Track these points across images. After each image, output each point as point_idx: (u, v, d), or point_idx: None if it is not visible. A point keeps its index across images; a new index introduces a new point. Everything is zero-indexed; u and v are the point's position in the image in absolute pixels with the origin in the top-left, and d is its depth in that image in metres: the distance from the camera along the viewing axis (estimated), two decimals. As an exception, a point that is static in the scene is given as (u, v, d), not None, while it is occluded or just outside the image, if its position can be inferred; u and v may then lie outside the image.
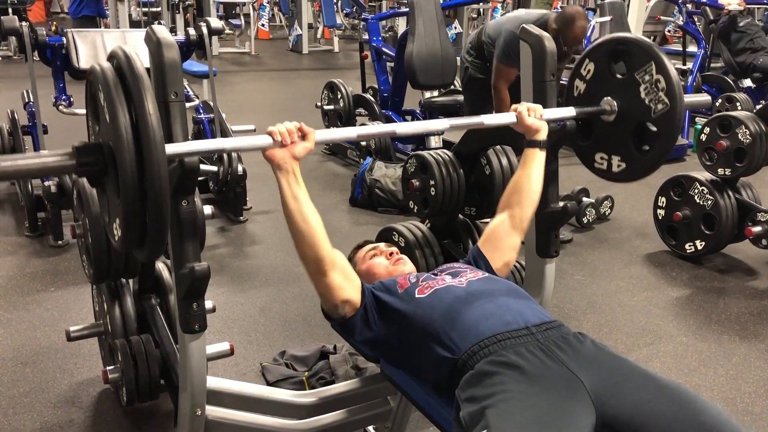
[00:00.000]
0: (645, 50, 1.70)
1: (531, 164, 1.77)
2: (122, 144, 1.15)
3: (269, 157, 1.44)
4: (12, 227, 3.85)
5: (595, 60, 1.82)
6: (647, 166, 1.76)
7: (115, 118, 1.16)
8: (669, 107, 1.66)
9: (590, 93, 1.83)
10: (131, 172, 1.16)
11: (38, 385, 2.38)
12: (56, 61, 3.62)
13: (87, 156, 1.23)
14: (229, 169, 3.81)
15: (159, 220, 1.19)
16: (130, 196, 1.17)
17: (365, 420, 1.89)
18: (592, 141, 1.86)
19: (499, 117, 1.78)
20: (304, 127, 1.46)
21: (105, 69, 1.22)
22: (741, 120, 3.30)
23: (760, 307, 3.13)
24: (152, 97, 1.19)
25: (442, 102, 4.83)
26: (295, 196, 1.47)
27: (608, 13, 5.71)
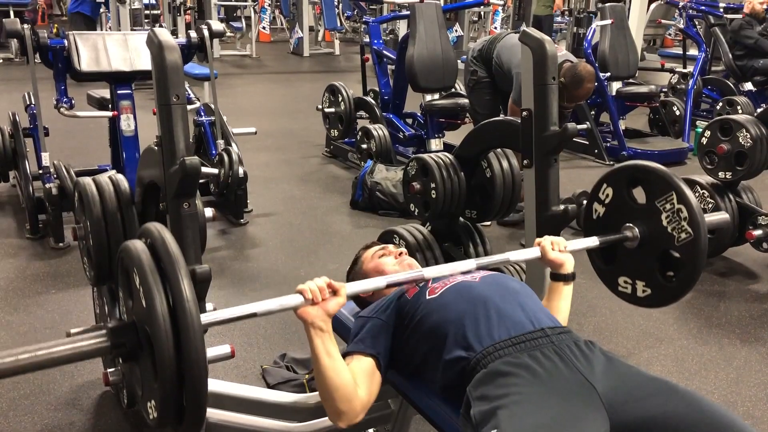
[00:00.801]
0: (665, 180, 1.69)
1: (558, 298, 1.75)
2: (159, 325, 1.12)
3: (301, 315, 1.40)
4: (13, 229, 3.85)
5: (613, 185, 1.80)
6: (674, 293, 1.73)
7: (152, 303, 1.12)
8: (693, 236, 1.64)
9: (610, 217, 1.81)
10: (168, 351, 1.12)
11: (39, 387, 2.38)
12: (58, 63, 3.63)
13: (122, 337, 1.20)
14: (230, 172, 3.81)
15: (197, 396, 1.15)
16: (168, 376, 1.13)
17: (366, 423, 1.88)
18: (615, 265, 1.84)
19: (523, 253, 1.74)
20: (334, 283, 1.42)
21: (139, 250, 1.18)
22: (742, 123, 3.30)
23: (761, 311, 3.12)
24: (188, 280, 1.15)
25: (442, 105, 4.83)
26: (330, 354, 1.42)
27: (609, 16, 5.71)
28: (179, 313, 1.12)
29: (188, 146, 1.46)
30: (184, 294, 1.12)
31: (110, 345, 1.19)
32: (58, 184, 3.53)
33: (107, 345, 1.18)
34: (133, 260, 1.17)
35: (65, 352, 1.15)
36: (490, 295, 1.55)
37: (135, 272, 1.17)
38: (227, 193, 3.96)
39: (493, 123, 2.41)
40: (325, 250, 3.58)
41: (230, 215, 4.08)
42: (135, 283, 1.17)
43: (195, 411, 1.17)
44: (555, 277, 1.75)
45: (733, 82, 6.64)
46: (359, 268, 1.93)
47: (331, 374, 1.42)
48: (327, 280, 1.42)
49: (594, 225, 1.84)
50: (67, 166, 3.75)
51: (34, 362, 1.12)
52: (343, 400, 1.44)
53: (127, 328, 1.20)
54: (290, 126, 6.75)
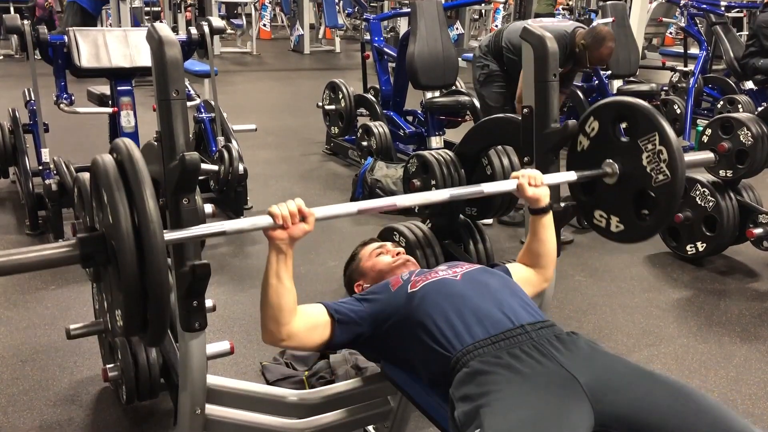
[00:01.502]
0: (649, 119, 1.71)
1: (541, 230, 1.78)
2: (123, 241, 1.16)
3: (270, 236, 1.45)
4: (12, 225, 3.85)
5: (600, 120, 1.82)
6: (646, 231, 1.77)
7: (117, 215, 1.17)
8: (669, 179, 1.67)
9: (594, 151, 1.84)
10: (131, 266, 1.16)
11: (38, 383, 2.38)
12: (58, 59, 3.62)
13: (90, 247, 1.24)
14: (230, 169, 3.80)
15: (160, 310, 1.20)
16: (131, 289, 1.17)
17: (365, 419, 1.88)
18: (592, 197, 1.87)
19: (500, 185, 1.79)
20: (304, 208, 1.46)
21: (107, 164, 1.22)
22: (743, 122, 3.29)
23: (761, 309, 3.12)
24: (152, 192, 1.19)
25: (443, 102, 4.83)
26: (279, 276, 1.47)
27: (610, 14, 5.71)
28: (142, 227, 1.17)
29: (188, 142, 1.46)
30: (147, 209, 1.17)
31: (79, 254, 1.23)
32: (57, 180, 3.52)
33: (76, 254, 1.23)
34: (100, 175, 1.22)
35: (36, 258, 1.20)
36: (470, 294, 1.56)
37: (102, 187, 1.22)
38: (227, 190, 3.95)
39: (493, 120, 2.41)
40: (324, 247, 3.58)
41: (230, 212, 4.07)
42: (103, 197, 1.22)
43: (158, 320, 1.21)
44: (534, 212, 1.78)
45: (734, 81, 6.63)
46: (356, 265, 1.93)
47: (272, 294, 1.48)
48: (300, 203, 1.46)
49: (577, 158, 1.87)
50: (66, 162, 3.74)
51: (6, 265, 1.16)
52: (273, 320, 1.50)
53: (96, 240, 1.25)
54: (290, 123, 6.75)
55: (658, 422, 1.26)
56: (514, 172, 1.79)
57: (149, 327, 1.23)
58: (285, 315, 1.50)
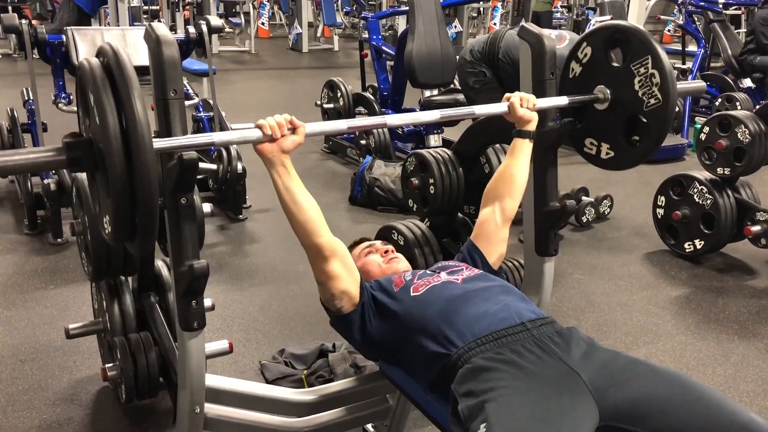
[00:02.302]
0: (643, 43, 1.70)
1: (520, 154, 1.79)
2: (110, 142, 1.15)
3: (259, 150, 1.45)
4: (11, 225, 3.85)
5: (593, 45, 1.81)
6: (636, 157, 1.77)
7: (104, 116, 1.16)
8: (661, 103, 1.66)
9: (585, 77, 1.83)
10: (120, 168, 1.16)
11: (37, 382, 2.38)
12: (56, 58, 3.63)
13: (77, 151, 1.24)
14: (228, 168, 3.81)
15: (148, 214, 1.19)
16: (120, 192, 1.17)
17: (364, 418, 1.89)
18: (583, 126, 1.87)
19: (491, 107, 1.80)
20: (295, 120, 1.46)
21: (93, 66, 1.21)
22: (740, 119, 3.30)
23: (758, 306, 3.13)
24: (139, 94, 1.18)
25: (441, 101, 4.82)
26: (288, 187, 1.48)
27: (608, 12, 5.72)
28: (130, 128, 1.16)
29: (186, 141, 1.46)
30: (135, 111, 1.16)
31: (66, 159, 1.22)
32: (56, 180, 3.52)
33: (63, 158, 1.22)
34: (87, 78, 1.21)
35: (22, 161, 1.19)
36: (471, 294, 1.57)
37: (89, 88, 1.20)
38: (226, 189, 3.96)
39: (491, 119, 2.40)
40: (323, 245, 3.58)
41: (229, 211, 4.07)
42: (89, 99, 1.21)
43: (146, 224, 1.20)
44: (519, 134, 1.78)
45: (732, 79, 6.63)
46: None
47: (292, 207, 1.48)
48: (288, 117, 1.45)
49: (569, 84, 1.86)
50: (65, 162, 3.74)
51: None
52: (308, 234, 1.51)
53: (83, 144, 1.24)
54: (289, 122, 6.73)
55: (662, 412, 1.27)
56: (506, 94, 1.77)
57: (137, 233, 1.22)
58: (316, 224, 1.51)
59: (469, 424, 1.27)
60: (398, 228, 2.61)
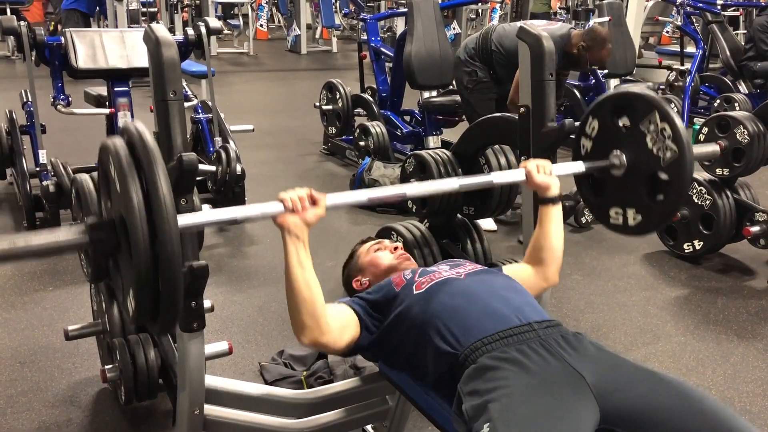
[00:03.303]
0: (646, 101, 1.69)
1: (548, 222, 1.76)
2: (135, 219, 1.13)
3: (280, 223, 1.41)
4: (10, 227, 3.85)
5: (599, 117, 1.81)
6: (664, 215, 1.73)
7: (127, 192, 1.14)
8: (678, 153, 1.63)
9: (597, 149, 1.81)
10: (144, 246, 1.13)
11: (36, 384, 2.38)
12: (54, 60, 3.62)
13: (100, 232, 1.21)
14: (227, 169, 3.80)
15: (172, 297, 1.17)
16: (143, 269, 1.14)
17: (364, 419, 1.89)
18: (604, 197, 1.84)
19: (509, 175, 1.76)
20: (315, 193, 1.44)
21: (117, 144, 1.19)
22: (739, 120, 3.30)
23: (758, 307, 3.13)
24: (164, 171, 1.16)
25: (440, 102, 4.83)
26: (302, 264, 1.44)
27: (606, 13, 5.71)
28: (154, 205, 1.13)
29: (185, 142, 1.46)
30: (159, 188, 1.13)
31: (89, 240, 1.20)
32: (55, 182, 3.52)
33: (86, 240, 1.20)
34: (111, 156, 1.18)
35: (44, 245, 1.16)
36: (476, 291, 1.56)
37: (112, 168, 1.18)
38: (225, 191, 3.95)
39: (490, 119, 2.41)
40: (322, 247, 3.58)
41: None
42: (112, 178, 1.19)
43: (171, 302, 1.18)
44: (542, 201, 1.76)
45: (731, 79, 6.64)
46: (355, 263, 1.94)
47: (301, 285, 1.44)
48: (308, 190, 1.44)
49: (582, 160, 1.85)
50: (64, 164, 3.74)
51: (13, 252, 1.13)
52: (308, 314, 1.46)
53: (105, 225, 1.22)
54: (288, 123, 6.75)
55: (662, 422, 1.26)
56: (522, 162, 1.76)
57: (160, 315, 1.20)
58: (319, 306, 1.47)
59: (473, 423, 1.27)
60: (397, 229, 2.61)
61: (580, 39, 3.74)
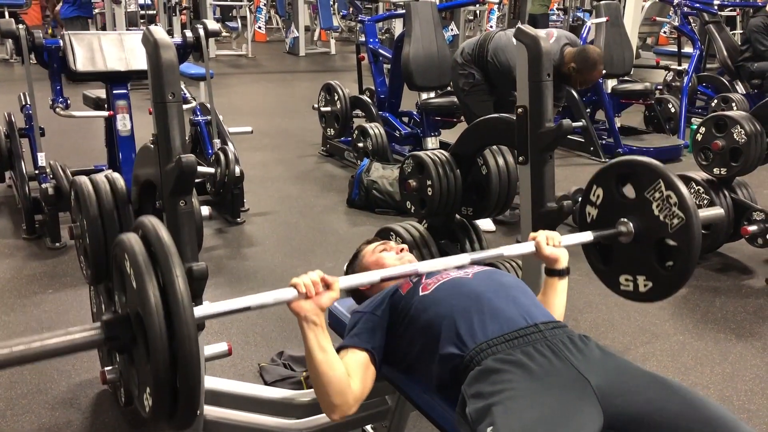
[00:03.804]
0: (650, 170, 1.69)
1: (553, 294, 1.76)
2: (152, 318, 1.11)
3: (295, 309, 1.41)
4: (9, 230, 3.85)
5: (603, 186, 1.80)
6: (675, 281, 1.72)
7: (145, 291, 1.12)
8: (685, 221, 1.63)
9: (603, 217, 1.81)
10: (162, 345, 1.12)
11: (36, 386, 2.38)
12: (53, 63, 3.62)
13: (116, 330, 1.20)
14: (226, 171, 3.81)
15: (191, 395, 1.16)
16: (162, 368, 1.13)
17: (363, 419, 1.89)
18: (613, 264, 1.84)
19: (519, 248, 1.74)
20: (327, 277, 1.43)
21: (134, 243, 1.19)
22: (736, 120, 3.31)
23: (756, 306, 3.14)
24: (181, 269, 1.15)
25: (438, 103, 4.84)
26: (323, 348, 1.42)
27: (604, 14, 5.73)
28: (172, 305, 1.12)
29: (184, 144, 1.47)
30: (177, 286, 1.12)
31: (104, 337, 1.18)
32: (54, 184, 3.52)
33: (101, 337, 1.18)
34: (127, 252, 1.17)
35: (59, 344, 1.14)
36: (483, 291, 1.55)
37: (128, 264, 1.17)
38: (224, 193, 3.96)
39: (488, 120, 2.42)
40: (321, 248, 3.59)
41: (227, 214, 4.07)
42: (128, 275, 1.17)
43: (188, 403, 1.16)
44: (550, 273, 1.75)
45: (728, 79, 6.66)
46: (359, 262, 1.94)
47: (325, 368, 1.42)
48: (321, 274, 1.42)
49: (589, 228, 1.84)
50: (63, 166, 3.75)
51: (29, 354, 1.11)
52: (337, 393, 1.44)
53: (121, 321, 1.20)
54: (286, 125, 6.75)
55: (666, 428, 1.26)
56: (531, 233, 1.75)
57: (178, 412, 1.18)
58: (344, 384, 1.45)
59: (476, 426, 1.27)
60: (396, 230, 2.62)
61: (571, 59, 3.71)
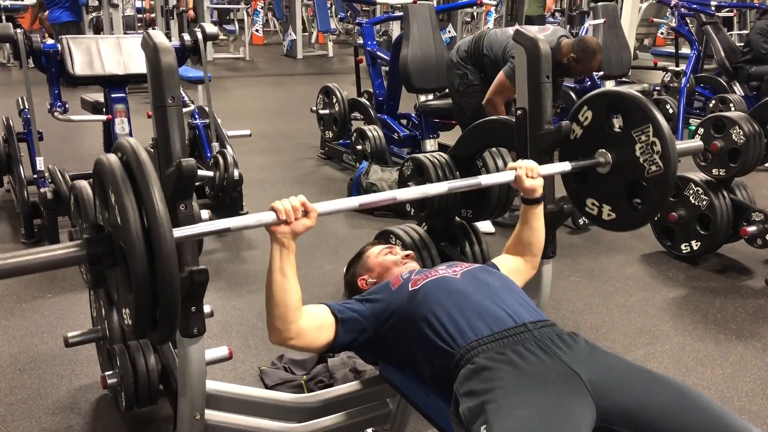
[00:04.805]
0: (643, 111, 1.72)
1: (533, 220, 1.83)
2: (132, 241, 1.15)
3: (272, 232, 1.47)
4: (8, 234, 3.84)
5: (594, 109, 1.83)
6: (637, 220, 1.79)
7: (125, 215, 1.16)
8: (662, 171, 1.67)
9: (586, 140, 1.85)
10: (141, 265, 1.15)
11: (36, 391, 2.38)
12: (51, 67, 3.62)
13: (97, 247, 1.23)
14: (225, 174, 3.80)
15: (170, 308, 1.19)
16: (141, 288, 1.16)
17: (364, 422, 1.89)
18: (585, 186, 1.89)
19: (498, 177, 1.82)
20: (307, 204, 1.49)
21: (113, 163, 1.21)
22: (735, 120, 3.31)
23: (756, 307, 3.14)
24: (160, 191, 1.18)
25: (437, 105, 4.84)
26: (284, 271, 1.49)
27: (601, 15, 5.74)
28: (152, 229, 1.16)
29: (184, 148, 1.46)
30: (156, 209, 1.16)
31: (86, 254, 1.22)
32: (53, 189, 3.52)
33: (83, 254, 1.22)
34: (107, 174, 1.21)
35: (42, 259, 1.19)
36: (471, 291, 1.58)
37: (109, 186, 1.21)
38: (222, 196, 3.95)
39: (487, 122, 2.42)
40: (321, 251, 3.58)
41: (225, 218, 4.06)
42: (109, 196, 1.21)
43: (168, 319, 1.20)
44: (528, 202, 1.82)
45: (726, 80, 6.66)
46: (363, 262, 1.95)
47: (278, 290, 1.49)
48: (302, 199, 1.49)
49: (570, 146, 1.89)
50: (61, 171, 3.74)
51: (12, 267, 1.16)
52: (280, 317, 1.51)
53: (103, 239, 1.24)
54: (285, 128, 6.75)
55: (658, 419, 1.27)
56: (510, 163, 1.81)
57: (159, 325, 1.22)
58: (292, 312, 1.51)
59: (470, 425, 1.28)
60: (396, 232, 2.62)
61: (570, 49, 3.71)
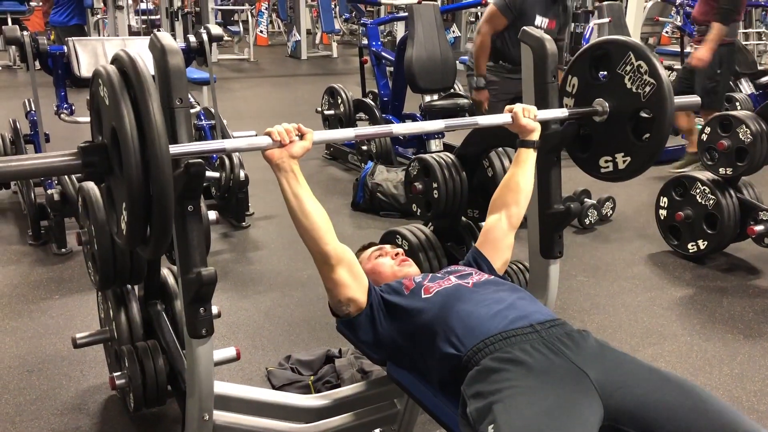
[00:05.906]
0: (620, 44, 1.76)
1: (525, 163, 1.83)
2: (128, 146, 1.17)
3: (268, 156, 1.47)
4: (15, 236, 3.86)
5: (577, 74, 1.87)
6: (651, 151, 1.77)
7: (121, 121, 1.18)
8: (656, 85, 1.69)
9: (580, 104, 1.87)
10: (136, 169, 1.17)
11: (45, 392, 2.38)
12: (57, 69, 3.64)
13: (92, 156, 1.26)
14: (231, 175, 3.81)
15: (163, 218, 1.21)
16: (135, 196, 1.19)
17: (372, 423, 1.89)
18: (593, 149, 1.88)
19: (495, 118, 1.84)
20: (302, 127, 1.49)
21: (110, 72, 1.24)
22: (741, 119, 3.30)
23: (763, 306, 3.13)
24: (156, 96, 1.20)
25: (442, 105, 4.84)
26: (296, 194, 1.50)
27: (606, 14, 5.73)
28: (146, 130, 1.17)
29: (192, 149, 1.47)
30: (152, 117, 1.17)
31: (81, 163, 1.25)
32: (59, 190, 3.53)
33: (78, 162, 1.24)
34: (103, 81, 1.23)
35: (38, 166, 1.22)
36: (482, 299, 1.58)
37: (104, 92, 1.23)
38: (229, 197, 3.96)
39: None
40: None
41: (232, 218, 4.08)
42: (104, 102, 1.23)
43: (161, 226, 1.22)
44: (523, 144, 1.82)
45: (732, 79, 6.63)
46: None
47: (299, 214, 1.50)
48: (296, 125, 1.49)
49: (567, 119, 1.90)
50: (68, 172, 3.75)
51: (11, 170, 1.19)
52: (314, 241, 1.52)
53: (98, 148, 1.26)
54: (290, 129, 6.75)
55: (666, 419, 1.27)
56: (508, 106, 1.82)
57: (151, 236, 1.24)
58: (322, 231, 1.52)
59: (478, 426, 1.28)
60: (402, 233, 2.62)
61: None
